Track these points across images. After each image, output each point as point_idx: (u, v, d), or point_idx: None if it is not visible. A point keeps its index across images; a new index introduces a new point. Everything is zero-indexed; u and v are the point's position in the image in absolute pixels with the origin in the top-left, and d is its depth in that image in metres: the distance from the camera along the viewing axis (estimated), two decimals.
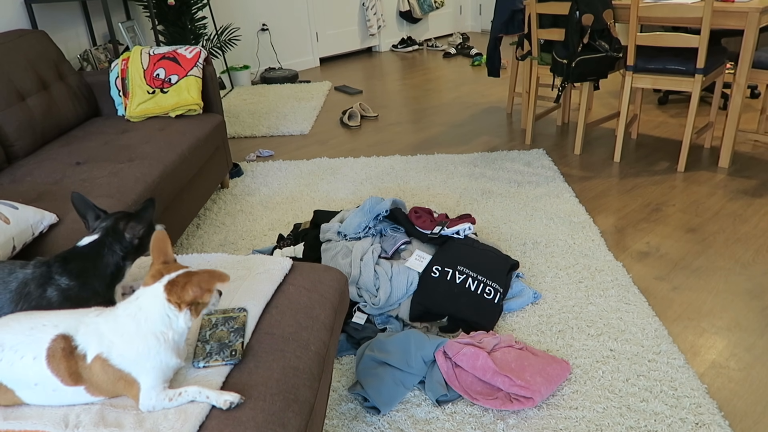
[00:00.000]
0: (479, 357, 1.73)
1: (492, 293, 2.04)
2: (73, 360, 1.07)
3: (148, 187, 2.16)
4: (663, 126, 3.91)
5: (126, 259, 1.40)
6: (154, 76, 2.86)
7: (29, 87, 2.57)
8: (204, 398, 1.08)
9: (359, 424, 1.66)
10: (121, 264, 1.39)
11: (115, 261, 1.38)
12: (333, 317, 1.44)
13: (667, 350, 1.88)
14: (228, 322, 1.28)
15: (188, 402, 1.09)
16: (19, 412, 1.09)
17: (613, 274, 2.29)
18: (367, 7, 6.51)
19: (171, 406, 1.08)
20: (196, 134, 2.67)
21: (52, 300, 1.28)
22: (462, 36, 6.96)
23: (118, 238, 1.39)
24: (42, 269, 1.31)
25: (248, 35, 5.66)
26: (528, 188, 3.07)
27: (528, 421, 1.64)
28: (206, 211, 2.98)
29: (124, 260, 1.40)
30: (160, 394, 1.07)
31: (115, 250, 1.38)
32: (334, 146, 3.85)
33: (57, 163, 2.31)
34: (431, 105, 4.68)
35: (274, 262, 1.53)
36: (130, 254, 1.41)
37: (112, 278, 1.38)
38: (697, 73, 2.97)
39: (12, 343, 1.08)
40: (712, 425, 1.60)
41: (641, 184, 3.07)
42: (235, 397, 1.09)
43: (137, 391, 1.07)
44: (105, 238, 1.38)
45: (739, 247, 2.47)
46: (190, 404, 1.09)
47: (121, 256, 1.39)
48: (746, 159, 3.31)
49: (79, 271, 1.32)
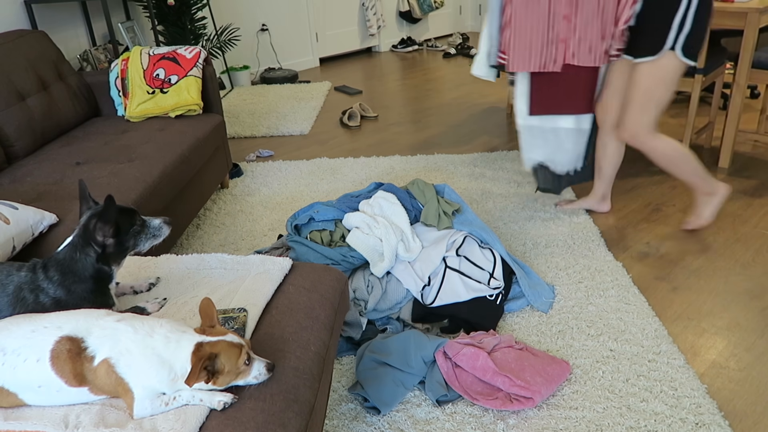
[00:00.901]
0: (479, 357, 1.73)
1: (493, 294, 2.04)
2: (79, 361, 1.07)
3: (148, 187, 2.16)
4: (663, 126, 3.91)
5: (104, 262, 1.31)
6: (154, 76, 2.86)
7: (29, 87, 2.57)
8: (198, 401, 1.08)
9: (359, 425, 1.66)
10: (98, 266, 1.30)
11: (91, 264, 1.30)
12: (333, 317, 1.44)
13: (667, 350, 1.88)
14: (228, 323, 1.28)
15: (182, 406, 1.08)
16: (19, 413, 1.09)
17: (613, 274, 2.29)
18: (367, 7, 6.51)
19: (167, 411, 1.08)
20: (196, 134, 2.67)
21: (46, 306, 1.26)
22: (462, 36, 6.96)
23: (89, 241, 1.30)
24: (31, 275, 1.28)
25: (248, 35, 5.66)
26: (528, 188, 3.07)
27: (528, 421, 1.64)
28: (206, 211, 2.98)
29: (101, 263, 1.31)
30: (155, 401, 1.07)
31: (89, 253, 1.30)
32: (334, 146, 3.85)
33: (57, 164, 2.31)
34: (431, 105, 4.68)
35: (274, 262, 1.53)
36: (110, 257, 1.32)
37: (97, 282, 1.31)
38: (697, 73, 2.97)
39: (14, 347, 1.08)
40: (712, 425, 1.60)
41: (641, 184, 3.07)
42: (229, 397, 1.09)
43: (131, 401, 1.07)
44: (77, 239, 1.31)
45: (739, 247, 2.47)
46: (189, 405, 1.09)
47: (95, 258, 1.30)
48: (746, 159, 3.31)
49: (60, 279, 1.27)
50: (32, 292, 1.26)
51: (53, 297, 1.27)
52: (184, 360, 1.06)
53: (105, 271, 1.32)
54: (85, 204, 1.37)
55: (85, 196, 1.37)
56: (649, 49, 2.21)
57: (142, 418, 1.07)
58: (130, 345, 1.07)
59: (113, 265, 1.34)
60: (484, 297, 2.03)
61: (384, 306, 2.04)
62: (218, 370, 1.07)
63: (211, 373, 1.06)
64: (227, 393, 1.10)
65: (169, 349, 1.07)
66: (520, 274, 2.15)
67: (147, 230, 1.39)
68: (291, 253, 2.18)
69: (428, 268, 2.08)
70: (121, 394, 1.08)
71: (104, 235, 1.30)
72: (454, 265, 2.09)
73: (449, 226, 2.25)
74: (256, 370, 1.12)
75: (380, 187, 2.42)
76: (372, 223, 2.18)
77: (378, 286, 2.07)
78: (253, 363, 1.11)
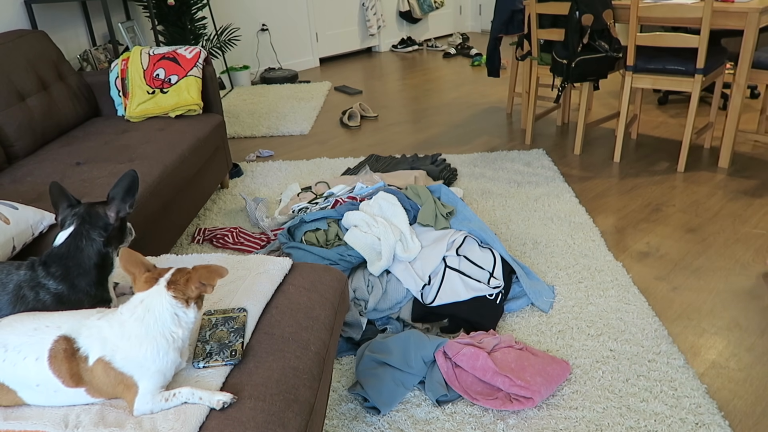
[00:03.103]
0: (479, 357, 1.73)
1: (493, 293, 2.04)
2: (74, 362, 1.07)
3: (148, 187, 2.16)
4: (663, 126, 3.91)
5: (109, 245, 1.33)
6: (154, 76, 2.86)
7: (29, 87, 2.57)
8: (197, 399, 1.08)
9: (359, 425, 1.66)
10: (104, 251, 1.32)
11: (97, 249, 1.31)
12: (333, 317, 1.44)
13: (667, 350, 1.88)
14: (228, 323, 1.28)
15: (182, 404, 1.09)
16: (19, 413, 1.09)
17: (613, 274, 2.29)
18: (367, 7, 6.51)
19: (167, 407, 1.08)
20: (196, 134, 2.67)
21: (47, 303, 1.27)
22: (462, 36, 6.96)
23: (96, 223, 1.32)
24: (30, 273, 1.28)
25: (248, 35, 5.66)
26: (528, 188, 3.07)
27: (528, 421, 1.64)
28: (206, 211, 2.98)
29: (107, 246, 1.33)
30: (156, 396, 1.08)
31: (94, 237, 1.31)
32: (334, 146, 3.85)
33: (57, 164, 2.31)
34: (431, 105, 4.68)
35: (274, 262, 1.53)
36: (112, 239, 1.34)
37: (100, 272, 1.32)
38: (697, 74, 2.97)
39: (15, 344, 1.08)
40: (712, 425, 1.60)
41: (641, 184, 3.07)
42: (228, 397, 1.09)
43: (134, 396, 1.07)
44: (80, 227, 1.32)
45: (739, 247, 2.47)
46: (190, 405, 1.09)
47: (102, 242, 1.32)
48: (746, 159, 3.31)
49: (62, 274, 1.28)
50: (32, 290, 1.27)
51: (54, 292, 1.27)
52: (166, 316, 1.10)
53: (109, 258, 1.34)
54: (66, 201, 1.38)
55: (63, 194, 1.38)
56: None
57: (142, 415, 1.07)
58: (114, 339, 1.08)
59: (115, 249, 1.37)
60: (484, 296, 2.03)
61: (384, 306, 2.04)
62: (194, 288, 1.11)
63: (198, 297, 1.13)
64: (227, 393, 1.10)
65: (147, 321, 1.09)
66: (520, 272, 2.15)
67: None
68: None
69: (428, 268, 2.08)
70: (122, 391, 1.08)
71: (119, 213, 1.35)
72: (454, 265, 2.09)
73: (446, 227, 2.25)
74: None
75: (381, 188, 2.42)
76: (371, 222, 2.18)
77: (378, 285, 2.07)
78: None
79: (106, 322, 1.11)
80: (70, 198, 1.38)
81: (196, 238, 2.66)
